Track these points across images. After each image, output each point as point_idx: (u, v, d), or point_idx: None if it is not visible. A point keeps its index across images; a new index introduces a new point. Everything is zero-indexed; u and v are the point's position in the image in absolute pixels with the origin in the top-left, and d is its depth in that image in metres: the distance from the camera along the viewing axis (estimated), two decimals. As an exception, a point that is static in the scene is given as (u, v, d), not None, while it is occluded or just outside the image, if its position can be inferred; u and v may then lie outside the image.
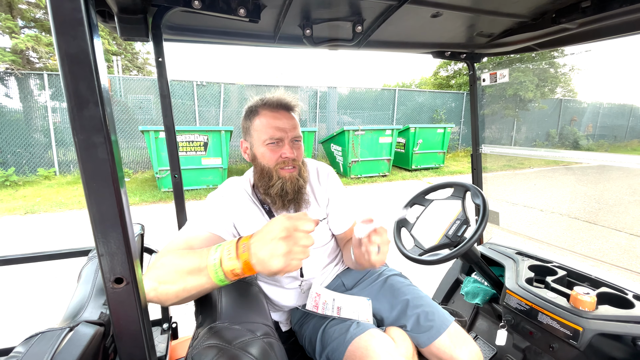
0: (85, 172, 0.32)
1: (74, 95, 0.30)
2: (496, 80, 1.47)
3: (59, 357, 0.44)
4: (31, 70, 7.26)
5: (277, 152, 0.99)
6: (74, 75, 0.30)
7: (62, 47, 0.29)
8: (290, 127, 1.00)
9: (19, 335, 0.52)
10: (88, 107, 0.30)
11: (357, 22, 1.06)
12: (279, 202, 1.01)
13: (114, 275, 0.34)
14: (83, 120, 0.31)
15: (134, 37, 0.89)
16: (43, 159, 7.03)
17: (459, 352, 0.98)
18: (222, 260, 0.64)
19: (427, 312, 1.04)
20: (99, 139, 0.31)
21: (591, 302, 1.06)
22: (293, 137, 1.01)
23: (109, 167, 0.32)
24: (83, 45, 0.29)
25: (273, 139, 0.98)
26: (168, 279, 0.67)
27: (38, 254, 1.12)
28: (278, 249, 0.62)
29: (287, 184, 0.99)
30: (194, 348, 0.55)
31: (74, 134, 0.31)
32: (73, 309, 0.63)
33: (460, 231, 1.14)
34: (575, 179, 7.73)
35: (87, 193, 0.32)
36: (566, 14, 1.02)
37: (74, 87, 0.30)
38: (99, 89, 0.31)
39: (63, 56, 0.29)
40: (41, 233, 4.15)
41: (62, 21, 0.29)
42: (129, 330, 0.35)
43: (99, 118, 0.31)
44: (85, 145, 0.31)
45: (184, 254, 0.70)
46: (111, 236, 0.33)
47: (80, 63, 0.30)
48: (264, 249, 0.62)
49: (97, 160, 0.32)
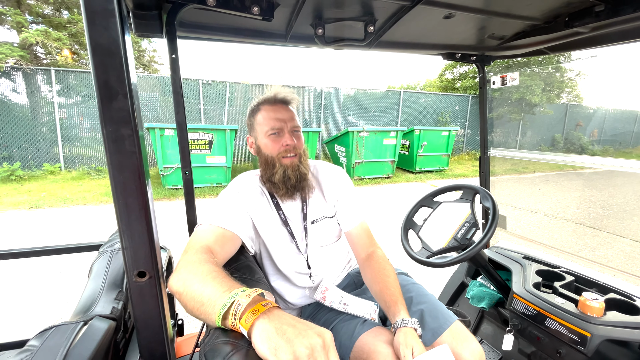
0: (112, 164, 0.32)
1: (104, 86, 0.30)
2: (506, 83, 1.46)
3: (74, 351, 0.44)
4: (39, 65, 7.31)
5: (279, 142, 1.05)
6: (104, 66, 0.30)
7: (94, 37, 0.29)
8: (288, 117, 1.07)
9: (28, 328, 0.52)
10: (117, 99, 0.30)
11: (369, 22, 1.05)
12: (283, 188, 1.06)
13: (137, 268, 0.34)
14: (112, 112, 0.30)
15: (148, 34, 0.90)
16: (49, 154, 7.08)
17: (462, 350, 0.97)
18: (228, 315, 0.58)
19: (430, 309, 1.05)
20: (127, 131, 0.31)
21: (599, 307, 1.05)
22: (292, 126, 1.07)
23: (136, 160, 0.32)
24: (114, 37, 0.29)
25: (274, 129, 1.05)
26: (187, 298, 0.65)
27: (48, 248, 1.12)
28: (285, 353, 0.51)
29: (289, 170, 1.05)
30: (206, 345, 0.54)
31: (103, 125, 0.31)
32: (85, 303, 0.63)
33: (469, 234, 1.14)
34: (580, 184, 7.68)
35: (113, 185, 0.32)
36: (579, 17, 1.01)
37: (104, 78, 0.30)
38: (128, 82, 0.31)
39: (94, 47, 0.29)
40: (46, 228, 4.17)
41: (94, 11, 0.28)
42: (150, 324, 0.35)
43: (127, 110, 0.31)
44: (114, 137, 0.31)
45: (206, 280, 0.66)
46: (136, 229, 0.33)
47: (111, 54, 0.30)
48: (270, 342, 0.53)
49: (125, 153, 0.31)
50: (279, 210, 1.09)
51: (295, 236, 1.10)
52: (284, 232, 1.09)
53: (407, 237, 1.33)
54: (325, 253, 1.16)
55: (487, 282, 1.51)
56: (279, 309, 0.60)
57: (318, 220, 1.14)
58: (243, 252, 0.99)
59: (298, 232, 1.11)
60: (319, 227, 1.14)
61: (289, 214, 1.10)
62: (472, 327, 1.58)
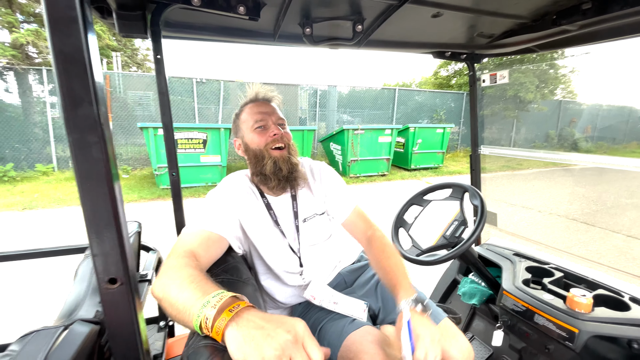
0: (79, 172, 0.31)
1: (68, 94, 0.30)
2: (496, 81, 1.47)
3: (53, 355, 0.44)
4: (30, 65, 7.22)
5: (265, 134, 1.06)
6: (68, 73, 0.29)
7: (57, 45, 0.29)
8: (272, 111, 1.08)
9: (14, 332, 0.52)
10: (82, 106, 0.30)
11: (357, 21, 1.05)
12: (274, 180, 1.05)
13: (107, 275, 0.34)
14: (77, 119, 0.30)
15: (133, 34, 0.89)
16: (41, 154, 7.01)
17: (449, 347, 0.98)
18: (201, 323, 0.57)
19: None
20: (94, 138, 0.31)
21: (587, 304, 1.06)
22: (277, 119, 1.08)
23: (104, 167, 0.31)
24: (77, 44, 0.29)
25: (259, 123, 1.06)
26: (166, 304, 0.65)
27: (34, 251, 1.11)
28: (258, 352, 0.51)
29: (280, 161, 1.04)
30: (189, 348, 0.54)
31: (68, 132, 0.31)
32: (69, 307, 0.63)
33: (458, 232, 1.15)
34: (574, 180, 7.75)
35: (81, 192, 0.32)
36: (567, 15, 1.02)
37: (68, 85, 0.29)
38: (93, 88, 0.30)
39: (57, 54, 0.29)
40: (39, 229, 4.14)
41: (56, 18, 0.28)
42: (123, 331, 0.35)
43: (93, 117, 0.30)
44: (80, 145, 0.31)
45: (182, 286, 0.66)
46: (105, 236, 0.33)
47: (75, 61, 0.29)
48: (239, 350, 0.52)
49: (92, 160, 0.31)
50: (269, 209, 1.09)
51: (286, 235, 1.10)
52: (276, 232, 1.08)
53: (397, 236, 1.34)
54: (317, 252, 1.16)
55: (478, 279, 1.53)
56: (248, 310, 0.59)
57: (309, 219, 1.14)
58: (231, 253, 0.98)
59: (289, 231, 1.11)
60: (310, 225, 1.14)
61: (279, 213, 1.10)
62: (463, 323, 1.59)
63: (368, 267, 1.26)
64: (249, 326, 0.55)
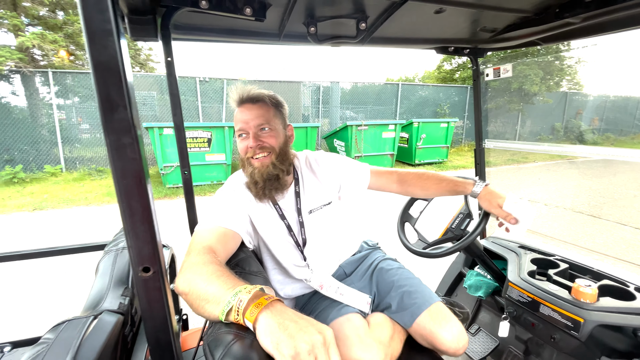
0: (116, 171, 0.34)
1: (106, 100, 0.33)
2: (499, 75, 1.48)
3: (86, 342, 0.47)
4: (36, 67, 7.31)
5: (245, 144, 1.05)
6: (105, 81, 0.32)
7: (95, 55, 0.32)
8: (252, 117, 1.04)
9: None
10: (118, 110, 0.33)
11: (360, 19, 1.07)
12: (253, 189, 1.07)
13: (142, 264, 0.37)
14: (114, 122, 0.33)
15: (144, 38, 0.92)
16: (49, 155, 7.11)
17: (440, 329, 1.01)
18: (233, 307, 0.61)
19: (410, 291, 1.09)
20: (128, 139, 0.34)
21: (592, 294, 1.08)
22: (256, 125, 1.04)
23: (138, 166, 0.35)
24: (112, 53, 0.32)
25: (240, 131, 1.06)
26: (193, 297, 0.68)
27: (55, 249, 1.16)
28: (287, 347, 0.53)
29: (256, 173, 1.04)
30: (209, 336, 0.58)
31: (106, 135, 0.34)
32: (93, 300, 0.67)
33: (464, 225, 1.17)
34: (580, 172, 7.69)
35: (118, 190, 0.35)
36: (570, 8, 1.02)
37: (105, 92, 0.32)
38: (127, 93, 0.33)
39: (96, 64, 0.32)
40: (51, 229, 4.22)
41: (93, 31, 0.31)
42: (156, 315, 0.38)
43: (127, 120, 0.33)
44: (116, 146, 0.34)
45: (210, 280, 0.69)
46: (139, 229, 0.36)
47: (111, 70, 0.32)
48: (273, 336, 0.55)
49: (127, 160, 0.34)
50: (275, 204, 1.11)
51: (292, 229, 1.12)
52: (282, 226, 1.11)
53: (403, 230, 1.36)
54: (322, 245, 1.20)
55: (484, 272, 1.54)
56: (281, 303, 0.62)
57: (315, 210, 1.17)
58: (242, 247, 1.02)
59: (295, 226, 1.14)
60: (317, 216, 1.17)
61: (285, 207, 1.13)
62: (470, 316, 1.61)
63: (367, 257, 1.31)
64: (284, 317, 0.58)
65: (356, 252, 1.34)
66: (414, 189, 1.26)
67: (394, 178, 1.27)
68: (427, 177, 1.23)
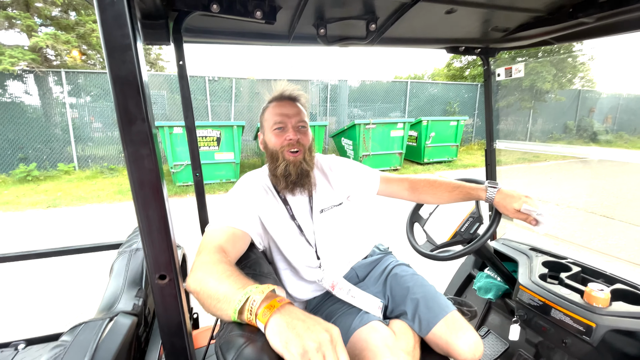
0: (134, 181, 0.35)
1: (124, 112, 0.33)
2: (511, 75, 1.46)
3: (103, 344, 0.48)
4: (49, 67, 7.45)
5: (282, 136, 1.08)
6: (124, 94, 0.33)
7: (114, 70, 0.32)
8: (293, 113, 1.09)
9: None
10: (136, 123, 0.34)
11: (370, 20, 1.06)
12: (283, 182, 1.09)
13: (158, 272, 0.38)
14: (132, 134, 0.34)
15: (156, 42, 0.93)
16: (62, 154, 7.26)
17: (456, 339, 1.00)
18: (243, 310, 0.62)
19: (426, 300, 1.07)
20: (146, 151, 0.35)
21: (605, 298, 1.06)
22: (297, 121, 1.10)
23: (155, 177, 0.35)
24: (131, 68, 0.33)
25: (278, 124, 1.08)
26: (204, 296, 0.69)
27: (69, 248, 1.19)
28: (295, 346, 0.54)
29: (291, 166, 1.07)
30: (221, 338, 0.59)
31: (124, 147, 0.34)
32: (108, 301, 0.68)
33: (473, 228, 1.16)
34: (593, 172, 7.53)
35: (135, 200, 0.36)
36: (584, 8, 1.00)
37: (124, 105, 0.33)
38: (145, 106, 0.34)
39: (115, 78, 0.33)
40: (65, 226, 4.31)
41: (113, 46, 0.32)
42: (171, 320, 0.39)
43: (145, 132, 0.34)
44: (134, 157, 0.35)
45: (221, 279, 0.70)
46: (156, 238, 0.37)
47: (129, 84, 0.33)
48: (282, 335, 0.56)
49: (145, 171, 0.35)
50: (286, 205, 1.12)
51: (303, 229, 1.13)
52: (293, 226, 1.12)
53: (412, 231, 1.35)
54: (333, 245, 1.20)
55: (493, 274, 1.53)
56: (291, 305, 0.63)
57: (326, 210, 1.18)
58: (252, 248, 1.02)
59: (306, 226, 1.14)
60: (327, 216, 1.18)
61: (296, 208, 1.13)
62: (479, 317, 1.60)
63: (380, 261, 1.29)
64: (292, 316, 0.59)
65: (368, 256, 1.34)
66: (425, 196, 1.26)
67: (405, 185, 1.28)
68: (439, 185, 1.23)
